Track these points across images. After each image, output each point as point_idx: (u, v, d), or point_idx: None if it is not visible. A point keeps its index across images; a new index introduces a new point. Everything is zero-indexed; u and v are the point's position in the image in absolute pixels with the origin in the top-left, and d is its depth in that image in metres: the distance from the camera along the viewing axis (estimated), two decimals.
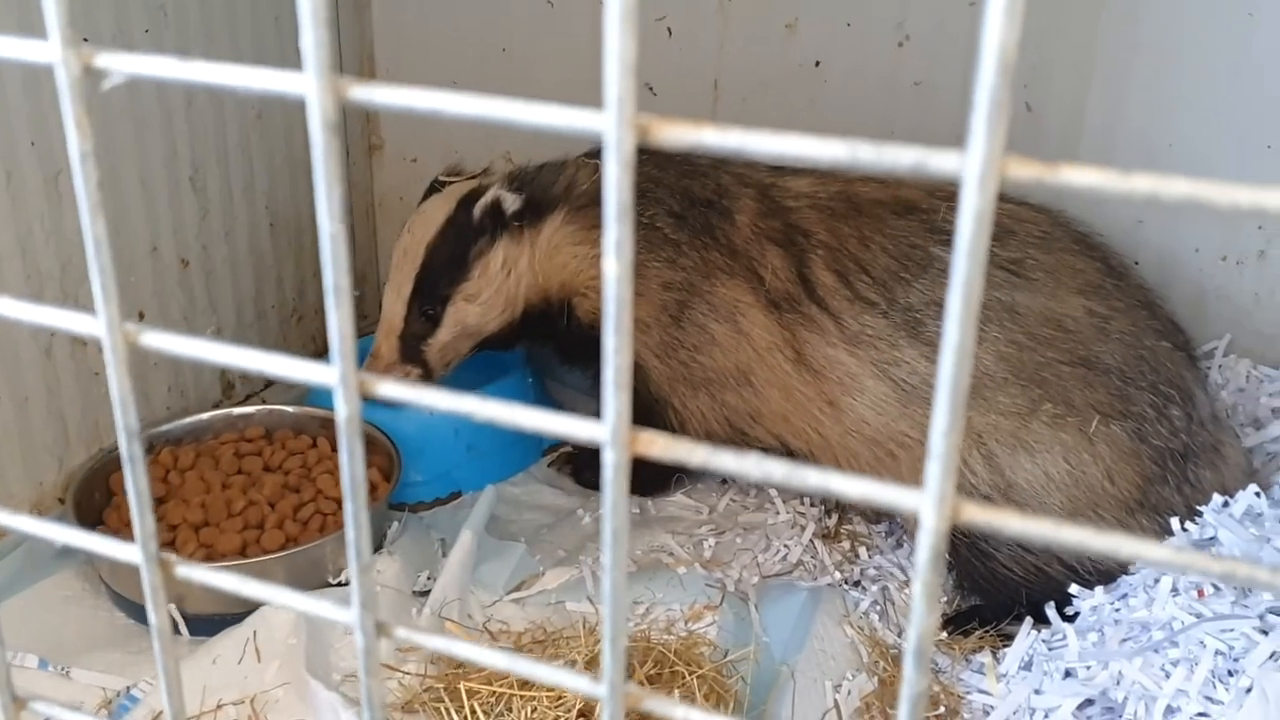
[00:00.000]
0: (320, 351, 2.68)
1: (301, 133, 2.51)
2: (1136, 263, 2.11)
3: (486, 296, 2.10)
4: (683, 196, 2.05)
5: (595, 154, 2.15)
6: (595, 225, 2.06)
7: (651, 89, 2.42)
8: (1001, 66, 0.38)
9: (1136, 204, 2.16)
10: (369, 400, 1.94)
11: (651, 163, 2.09)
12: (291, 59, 2.42)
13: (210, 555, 1.93)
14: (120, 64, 0.54)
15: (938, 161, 0.41)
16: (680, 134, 0.44)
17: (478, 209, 2.07)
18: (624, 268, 0.47)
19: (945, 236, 1.91)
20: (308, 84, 0.48)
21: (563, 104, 0.47)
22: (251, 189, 2.40)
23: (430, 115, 0.49)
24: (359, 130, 2.72)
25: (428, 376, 2.17)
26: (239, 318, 2.44)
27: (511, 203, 2.06)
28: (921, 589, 0.46)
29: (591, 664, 1.53)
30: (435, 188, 2.23)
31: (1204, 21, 1.99)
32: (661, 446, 0.50)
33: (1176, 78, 2.04)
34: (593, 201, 2.06)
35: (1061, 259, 1.90)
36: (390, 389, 0.54)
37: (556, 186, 2.10)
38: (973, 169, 0.40)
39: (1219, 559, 0.43)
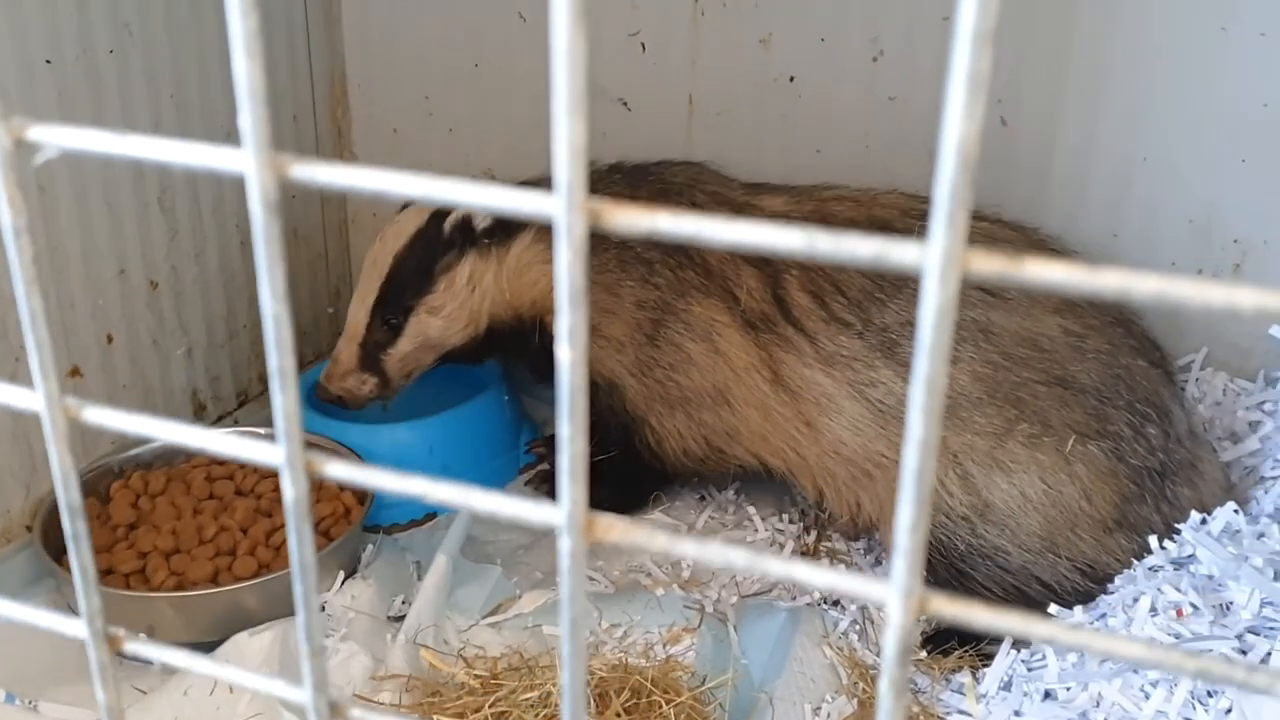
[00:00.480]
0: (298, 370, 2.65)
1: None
2: None
3: (450, 310, 2.11)
4: None
5: None
6: None
7: (626, 104, 2.41)
8: (961, 162, 0.37)
9: (1112, 217, 2.17)
10: (336, 415, 1.89)
11: (624, 182, 2.09)
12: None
13: (181, 583, 1.91)
14: (54, 137, 0.52)
15: (898, 254, 0.39)
16: (633, 220, 0.43)
17: (448, 223, 2.08)
18: (578, 354, 0.45)
19: None
20: (246, 162, 0.47)
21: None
22: (221, 208, 2.37)
23: (378, 193, 0.47)
24: (331, 145, 2.69)
25: (385, 385, 2.17)
26: (210, 338, 2.41)
27: (482, 219, 2.08)
28: (889, 684, 0.45)
29: None
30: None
31: (1178, 36, 1.99)
32: (621, 531, 0.48)
33: (1151, 92, 2.04)
34: None
35: None
36: (339, 470, 0.52)
37: None
38: (933, 264, 0.38)
39: (1194, 656, 0.41)
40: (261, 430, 2.26)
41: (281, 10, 2.46)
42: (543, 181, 2.13)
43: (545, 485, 2.36)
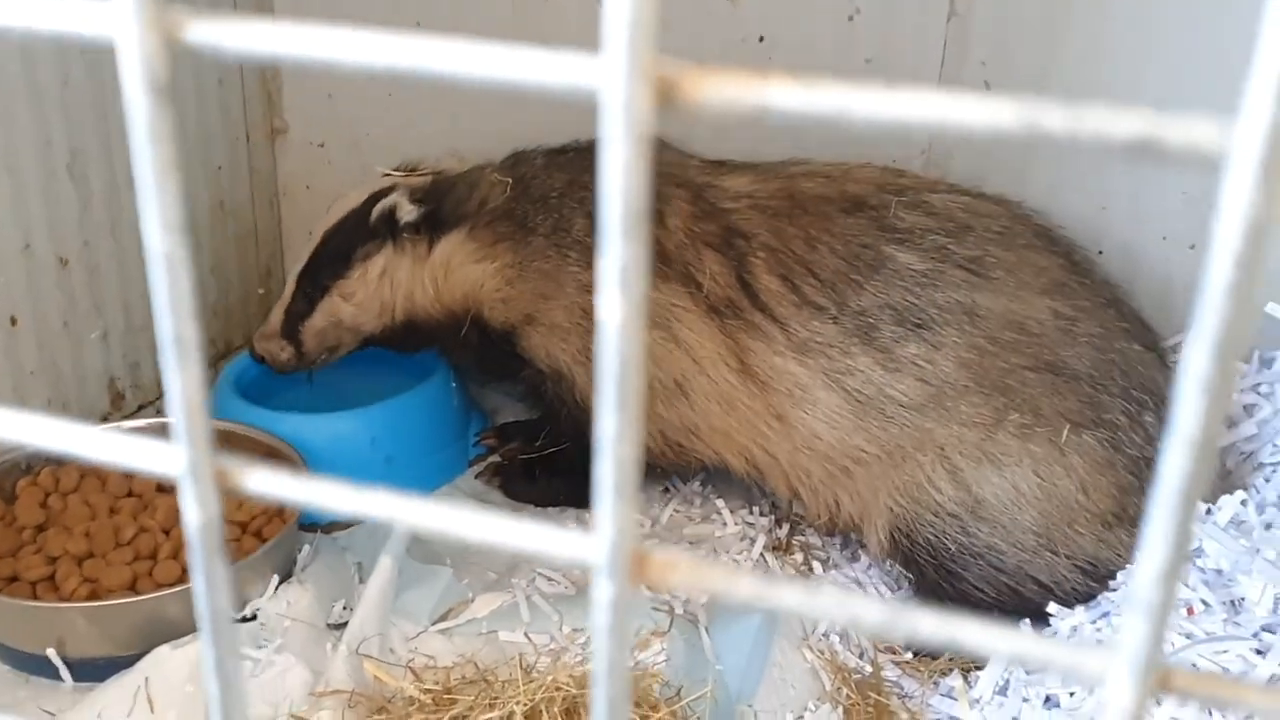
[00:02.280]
0: (225, 355, 2.46)
1: (196, 115, 2.29)
2: (1100, 252, 1.99)
3: (361, 299, 2.06)
4: None
5: (510, 165, 2.03)
6: (498, 240, 1.97)
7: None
8: None
9: (1099, 190, 2.05)
10: (268, 404, 1.68)
11: (572, 165, 1.98)
12: None
13: (95, 591, 1.72)
14: None
15: (1180, 135, 0.24)
16: (729, 91, 0.27)
17: (375, 211, 2.01)
18: (633, 309, 0.29)
19: (897, 235, 1.78)
20: (118, 18, 0.30)
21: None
22: None
23: (323, 66, 0.31)
24: (260, 113, 2.50)
25: (300, 356, 2.12)
26: (128, 321, 2.21)
27: (407, 213, 1.99)
28: None
29: (531, 715, 1.36)
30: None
31: None
32: (686, 573, 0.33)
33: (1146, 56, 1.92)
34: (498, 217, 1.98)
35: (1023, 256, 1.78)
36: (261, 480, 0.36)
37: (469, 203, 2.01)
38: (1247, 149, 0.24)
39: None
40: None
41: None
42: (480, 181, 2.00)
43: (497, 478, 2.20)
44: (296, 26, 0.30)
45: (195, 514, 0.35)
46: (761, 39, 2.13)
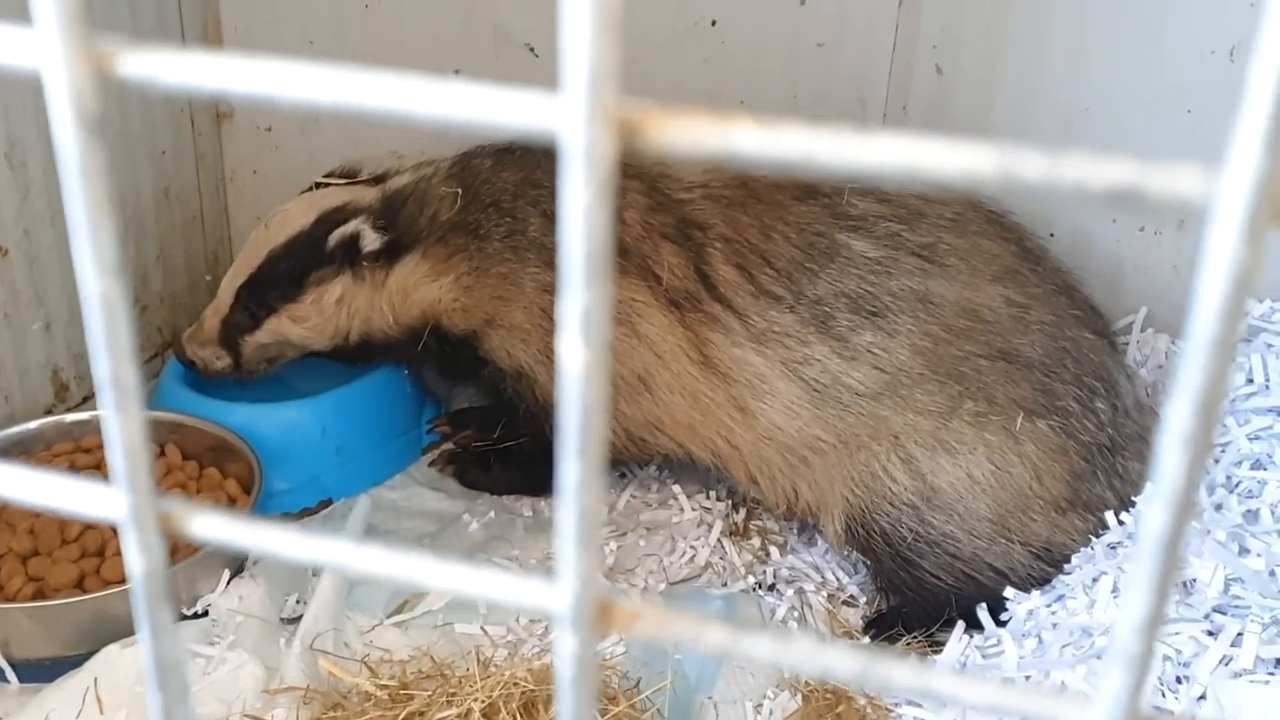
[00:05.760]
0: (172, 345, 2.41)
1: (140, 100, 2.23)
2: (1051, 234, 2.01)
3: (314, 323, 2.00)
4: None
5: (457, 171, 1.97)
6: (453, 254, 1.92)
7: (533, 50, 2.22)
8: None
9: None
10: (217, 394, 1.64)
11: (526, 162, 1.93)
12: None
13: (41, 590, 1.69)
14: None
15: (1163, 184, 0.23)
16: (691, 134, 0.26)
17: (333, 238, 1.93)
18: (597, 355, 0.28)
19: (851, 222, 1.78)
20: (44, 47, 0.29)
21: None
22: None
23: (267, 102, 0.30)
24: (205, 97, 2.44)
25: (238, 367, 2.05)
26: (71, 311, 2.16)
27: (371, 242, 1.92)
28: None
29: (490, 711, 1.35)
30: (316, 187, 2.08)
31: None
32: (651, 622, 0.32)
33: (1094, 39, 1.93)
34: (450, 230, 1.93)
35: (976, 243, 1.79)
36: (207, 525, 0.34)
37: (420, 222, 1.94)
38: (1234, 200, 0.23)
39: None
40: None
41: None
42: (429, 195, 1.94)
43: (451, 466, 2.18)
44: (239, 59, 0.29)
45: (139, 561, 0.34)
46: (714, 23, 2.11)
